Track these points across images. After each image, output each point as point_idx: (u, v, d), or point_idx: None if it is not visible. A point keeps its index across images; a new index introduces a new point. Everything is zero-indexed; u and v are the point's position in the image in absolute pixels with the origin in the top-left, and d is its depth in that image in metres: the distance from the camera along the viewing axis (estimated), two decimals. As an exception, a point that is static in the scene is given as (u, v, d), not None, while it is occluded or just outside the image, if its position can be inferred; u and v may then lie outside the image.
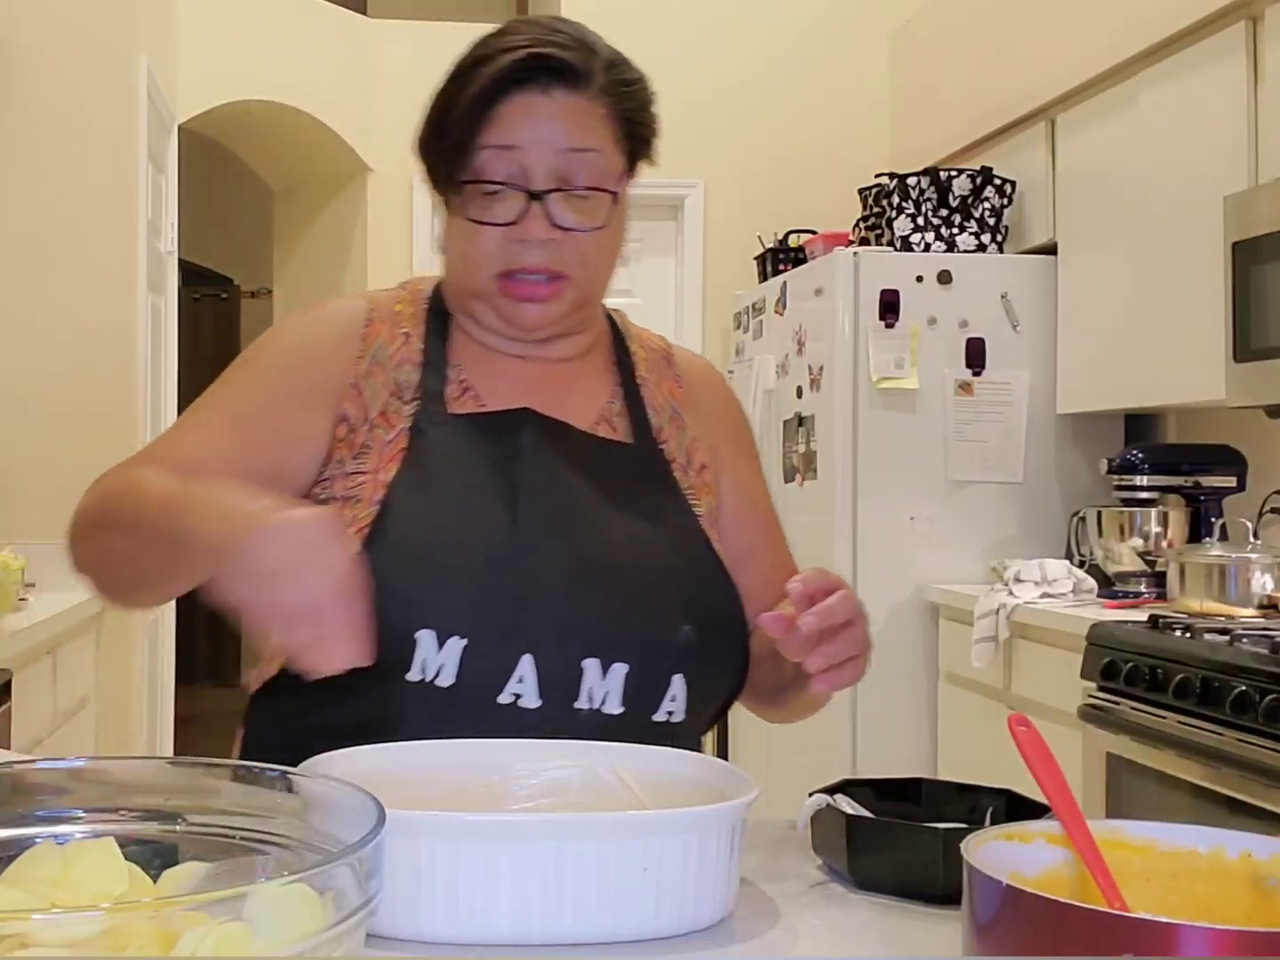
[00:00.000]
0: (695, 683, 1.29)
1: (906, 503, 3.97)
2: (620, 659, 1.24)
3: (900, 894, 1.05)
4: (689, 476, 1.39)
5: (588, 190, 1.30)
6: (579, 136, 1.29)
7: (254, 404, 1.33)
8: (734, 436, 1.48)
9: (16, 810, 0.80)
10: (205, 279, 8.28)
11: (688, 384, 1.47)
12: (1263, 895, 0.84)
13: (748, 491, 1.46)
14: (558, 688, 1.23)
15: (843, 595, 1.16)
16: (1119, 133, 3.62)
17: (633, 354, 1.46)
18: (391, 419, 1.32)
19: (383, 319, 1.38)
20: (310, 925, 0.63)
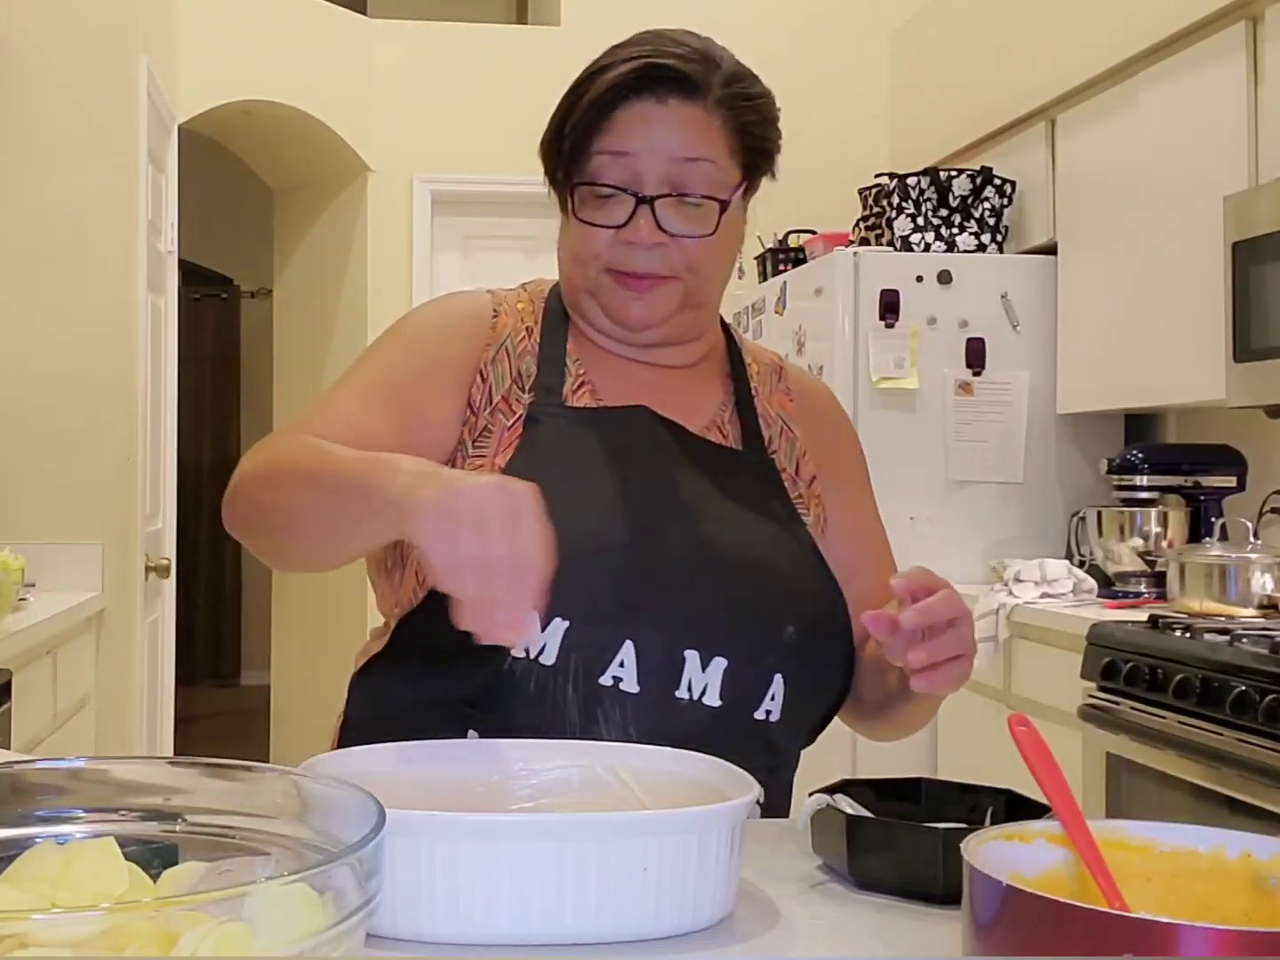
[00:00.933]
0: (795, 684, 1.30)
1: (906, 503, 3.97)
2: (721, 653, 1.26)
3: (900, 894, 1.05)
4: (798, 486, 1.42)
5: (699, 198, 1.33)
6: (692, 146, 1.32)
7: (399, 382, 1.34)
8: (843, 457, 1.51)
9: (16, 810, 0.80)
10: (205, 279, 8.29)
11: (799, 399, 1.49)
12: (1263, 895, 0.84)
13: (855, 510, 1.49)
14: (658, 676, 1.25)
15: (945, 594, 1.17)
16: (1119, 133, 3.62)
17: (747, 366, 1.48)
18: (513, 405, 1.35)
19: (508, 311, 1.42)
20: (310, 925, 0.63)
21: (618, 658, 1.24)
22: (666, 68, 1.32)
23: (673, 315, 1.37)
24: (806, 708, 1.35)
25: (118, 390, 3.84)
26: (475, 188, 5.28)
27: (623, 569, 1.26)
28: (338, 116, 5.26)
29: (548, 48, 5.29)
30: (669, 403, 1.39)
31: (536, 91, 6.02)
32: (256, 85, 5.06)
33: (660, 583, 1.27)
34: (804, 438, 1.46)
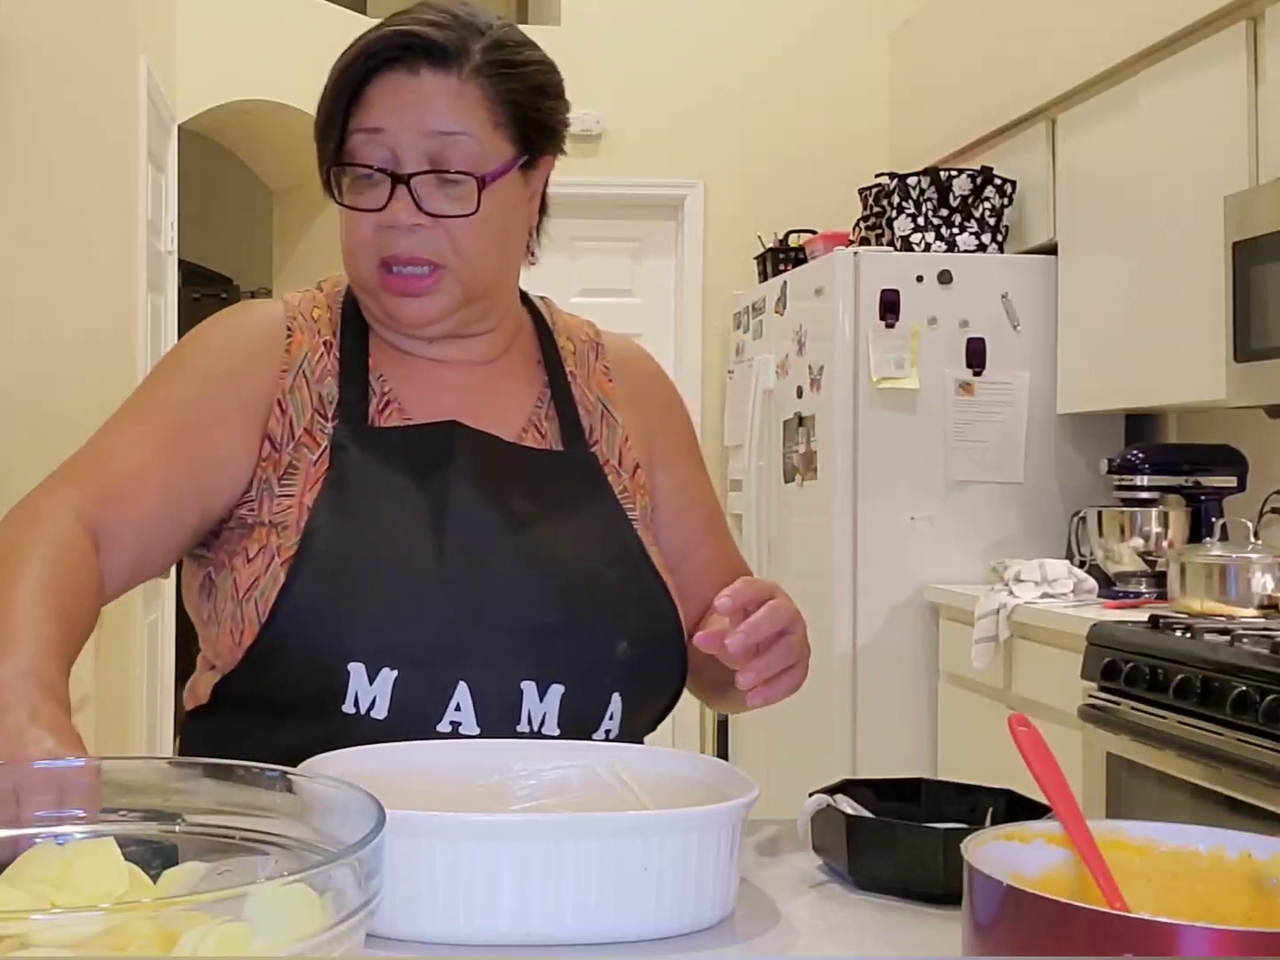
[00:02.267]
0: (632, 699, 1.26)
1: (907, 503, 3.97)
2: (557, 680, 1.21)
3: (900, 894, 1.05)
4: (622, 479, 1.34)
5: (457, 174, 1.24)
6: (447, 119, 1.23)
7: (182, 422, 1.26)
8: (671, 427, 1.43)
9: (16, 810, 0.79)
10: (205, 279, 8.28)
11: (619, 375, 1.41)
12: (1263, 895, 0.84)
13: (688, 486, 1.42)
14: (496, 713, 1.19)
15: (771, 606, 1.13)
16: (1119, 133, 3.62)
17: (560, 348, 1.39)
18: (316, 437, 1.27)
19: (303, 327, 1.32)
20: (310, 925, 0.63)
21: (453, 701, 1.18)
22: (417, 35, 1.23)
23: (453, 310, 1.28)
24: (644, 714, 1.31)
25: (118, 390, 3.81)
26: (475, 188, 5.28)
27: (447, 605, 1.20)
28: (338, 116, 5.25)
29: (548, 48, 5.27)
30: (480, 408, 1.31)
31: (537, 91, 5.97)
32: (256, 85, 5.06)
33: (489, 614, 1.21)
34: (627, 420, 1.38)
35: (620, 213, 5.41)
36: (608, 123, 5.29)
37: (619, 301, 5.42)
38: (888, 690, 3.91)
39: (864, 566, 3.94)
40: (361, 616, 1.18)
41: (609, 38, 5.26)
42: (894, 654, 3.93)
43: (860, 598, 3.95)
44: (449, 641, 1.19)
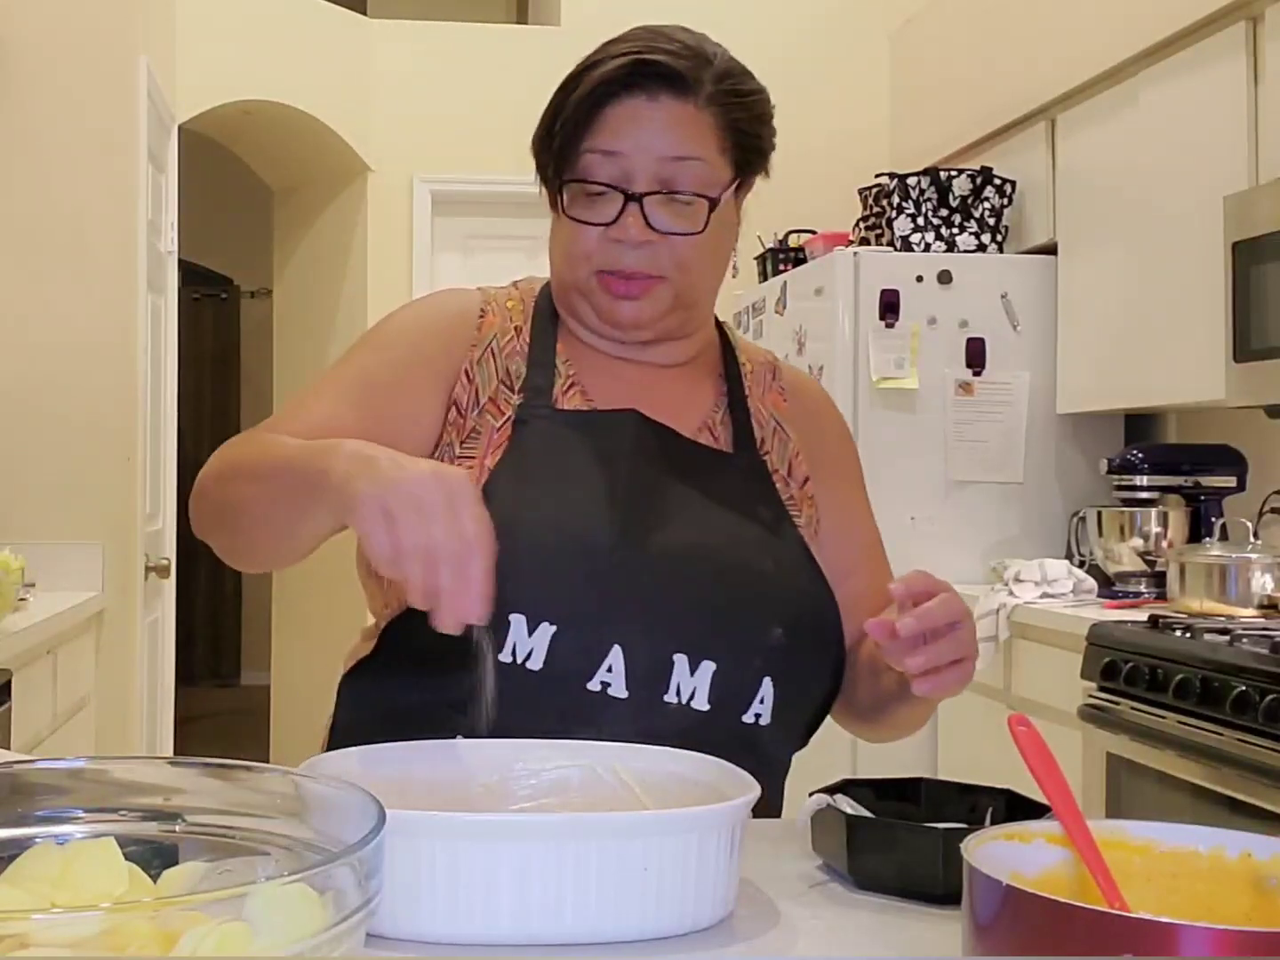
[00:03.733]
0: (784, 686, 1.30)
1: (907, 503, 3.97)
2: (709, 657, 1.26)
3: (900, 894, 1.05)
4: (789, 487, 1.41)
5: (689, 196, 1.31)
6: (682, 144, 1.31)
7: (373, 381, 1.34)
8: (837, 456, 1.48)
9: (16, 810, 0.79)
10: (205, 279, 8.29)
11: (793, 398, 1.48)
12: (1263, 895, 0.84)
13: (849, 510, 1.46)
14: (646, 680, 1.24)
15: (945, 598, 1.16)
16: (1119, 133, 3.62)
17: (740, 365, 1.47)
18: (501, 407, 1.34)
19: (496, 311, 1.41)
20: (310, 925, 0.63)
21: (605, 662, 1.24)
22: (657, 64, 1.31)
23: (664, 316, 1.36)
24: (796, 710, 1.34)
25: (118, 390, 3.84)
26: (475, 188, 5.28)
27: (609, 573, 1.26)
28: (338, 116, 5.26)
29: (548, 48, 5.29)
30: (660, 404, 1.38)
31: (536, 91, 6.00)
32: (256, 85, 5.06)
33: (647, 586, 1.26)
34: (797, 438, 1.45)
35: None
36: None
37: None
38: (888, 690, 3.91)
39: (864, 566, 3.93)
40: (528, 573, 1.23)
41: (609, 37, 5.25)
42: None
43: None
44: (608, 606, 1.25)
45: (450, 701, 1.22)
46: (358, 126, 5.31)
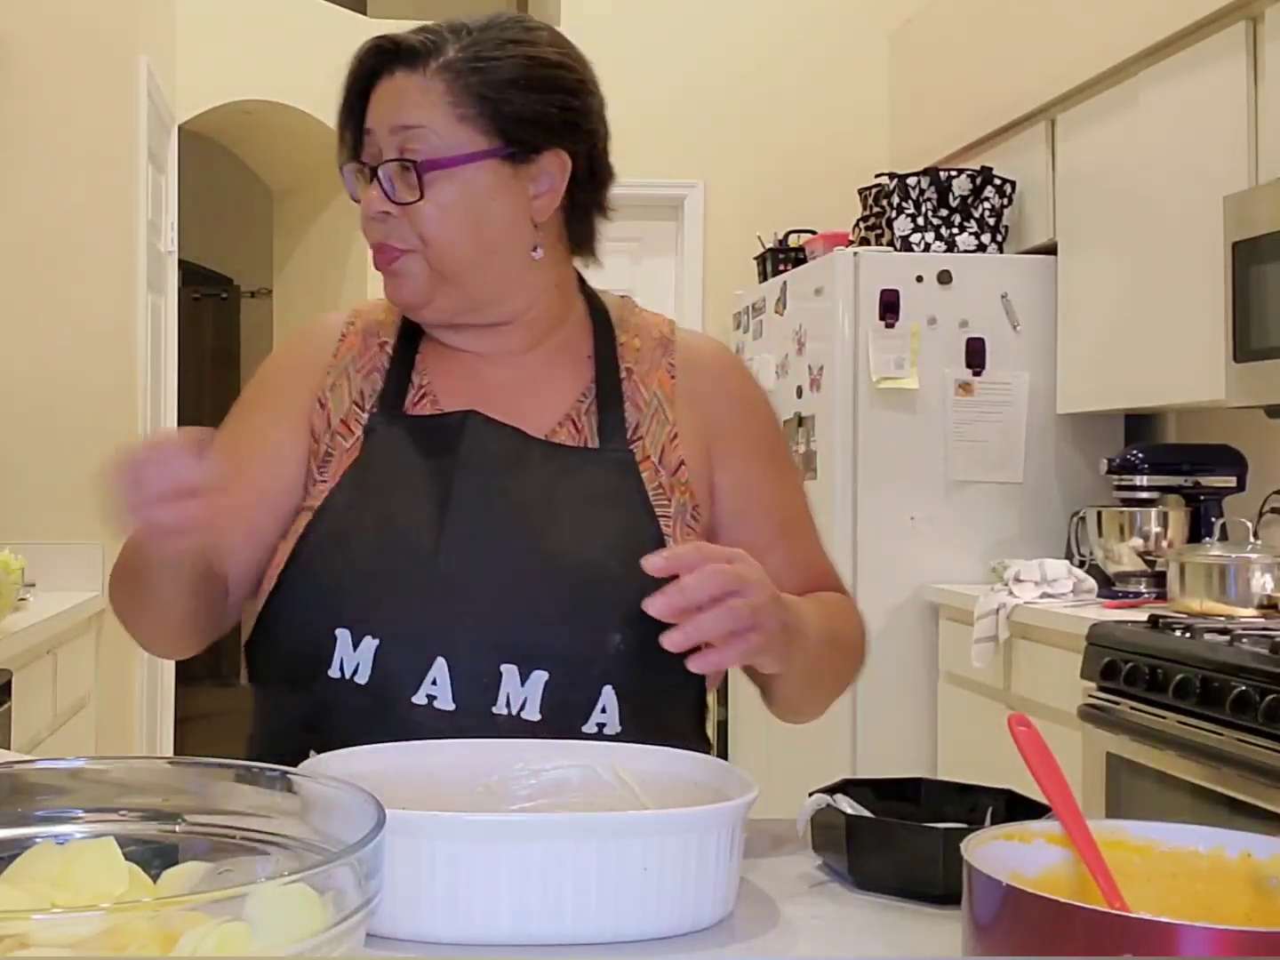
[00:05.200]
0: (629, 694, 1.25)
1: (906, 503, 3.97)
2: (540, 666, 1.22)
3: (900, 894, 1.05)
4: (659, 476, 1.33)
5: (406, 162, 1.30)
6: (406, 113, 1.30)
7: (240, 434, 1.39)
8: (737, 428, 1.40)
9: (16, 810, 0.80)
10: (205, 279, 8.28)
11: (686, 373, 1.39)
12: (1263, 895, 0.84)
13: (751, 488, 1.40)
14: (473, 692, 1.22)
15: (708, 570, 1.11)
16: (1119, 133, 3.62)
17: (621, 345, 1.40)
18: (351, 426, 1.35)
19: (360, 330, 1.41)
20: (310, 925, 0.63)
21: (430, 675, 1.22)
22: (387, 39, 1.33)
23: (425, 291, 1.32)
24: (655, 714, 1.27)
25: (118, 390, 3.84)
26: (475, 188, 5.27)
27: (432, 584, 1.24)
28: (338, 116, 5.26)
29: (548, 48, 5.28)
30: (515, 400, 1.34)
31: (536, 91, 5.94)
32: (256, 85, 5.06)
33: (474, 596, 1.24)
34: (684, 418, 1.37)
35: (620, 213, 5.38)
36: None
37: (619, 301, 5.42)
38: (887, 690, 3.91)
39: (864, 566, 3.94)
40: (350, 587, 1.26)
41: (609, 37, 5.25)
42: (894, 654, 3.93)
43: (860, 598, 3.90)
44: (431, 617, 1.24)
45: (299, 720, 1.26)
46: (358, 126, 5.31)
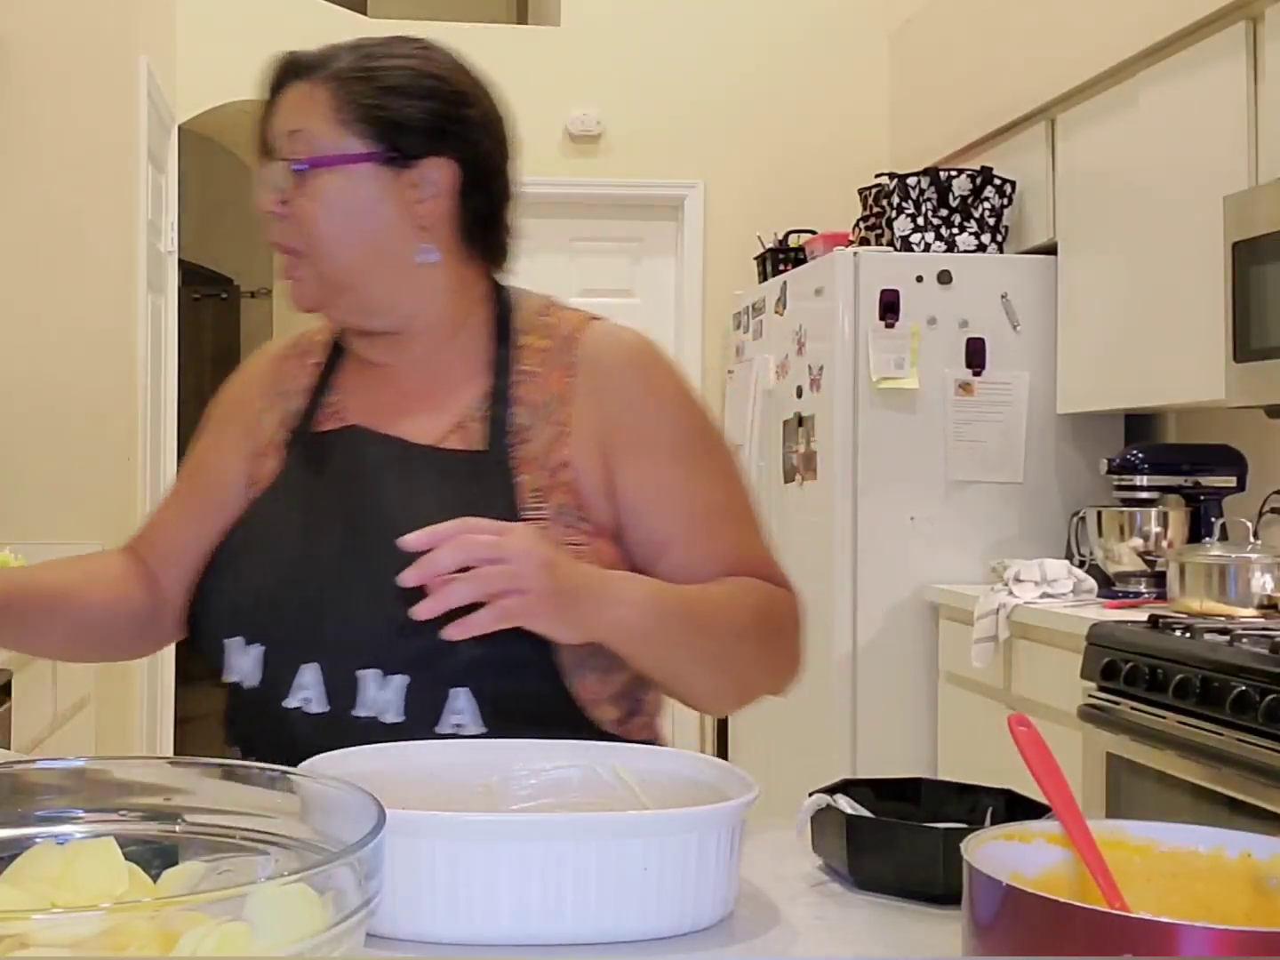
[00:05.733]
0: (489, 695, 1.26)
1: (906, 503, 3.97)
2: (399, 670, 1.28)
3: (900, 894, 1.05)
4: (540, 477, 1.33)
5: (297, 163, 1.37)
6: (293, 119, 1.39)
7: (194, 467, 1.52)
8: (642, 424, 1.38)
9: (16, 810, 0.80)
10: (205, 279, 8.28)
11: (587, 371, 1.38)
12: (1263, 895, 0.84)
13: (652, 483, 1.36)
14: (339, 696, 1.29)
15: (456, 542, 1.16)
16: (1119, 133, 3.62)
17: (521, 347, 1.40)
18: (275, 448, 1.43)
19: (297, 354, 1.50)
20: (310, 925, 0.63)
21: (299, 680, 1.30)
22: (288, 55, 1.43)
23: (318, 296, 1.39)
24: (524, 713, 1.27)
25: (118, 390, 3.84)
26: (475, 188, 5.27)
27: (305, 595, 1.32)
28: (338, 116, 5.26)
29: (548, 48, 5.29)
30: (410, 412, 1.39)
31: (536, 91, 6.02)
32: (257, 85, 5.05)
33: (339, 605, 1.30)
34: (579, 417, 1.36)
35: (620, 213, 5.40)
36: (607, 123, 5.29)
37: (619, 301, 5.42)
38: (888, 690, 3.91)
39: (864, 566, 3.94)
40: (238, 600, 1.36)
41: (609, 38, 5.26)
42: (894, 654, 3.93)
43: (860, 598, 3.95)
44: (304, 626, 1.31)
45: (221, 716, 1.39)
46: (358, 126, 5.31)
